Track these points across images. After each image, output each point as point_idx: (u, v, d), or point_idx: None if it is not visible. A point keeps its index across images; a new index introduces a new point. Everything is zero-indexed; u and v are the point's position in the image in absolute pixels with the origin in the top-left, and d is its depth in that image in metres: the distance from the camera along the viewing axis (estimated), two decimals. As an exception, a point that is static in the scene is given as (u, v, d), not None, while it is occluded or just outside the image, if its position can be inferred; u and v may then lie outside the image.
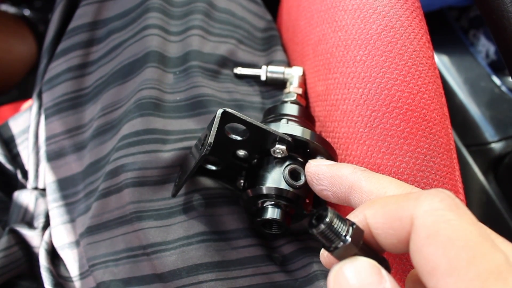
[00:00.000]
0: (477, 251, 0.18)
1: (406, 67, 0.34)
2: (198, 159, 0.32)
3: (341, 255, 0.22)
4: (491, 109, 0.59)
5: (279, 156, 0.33)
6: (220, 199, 0.38)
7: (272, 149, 0.32)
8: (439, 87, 0.35)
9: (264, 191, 0.33)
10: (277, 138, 0.32)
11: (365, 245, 0.23)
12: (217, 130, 0.31)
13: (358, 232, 0.22)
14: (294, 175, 0.33)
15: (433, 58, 0.35)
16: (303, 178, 0.33)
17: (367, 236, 0.23)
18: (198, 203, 0.37)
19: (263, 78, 0.44)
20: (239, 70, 0.45)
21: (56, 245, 0.42)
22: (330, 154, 0.34)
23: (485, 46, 0.65)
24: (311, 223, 0.22)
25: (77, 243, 0.41)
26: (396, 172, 0.33)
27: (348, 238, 0.21)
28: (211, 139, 0.30)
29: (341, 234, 0.22)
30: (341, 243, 0.22)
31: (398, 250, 0.22)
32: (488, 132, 0.58)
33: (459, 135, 0.61)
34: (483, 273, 0.17)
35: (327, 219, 0.22)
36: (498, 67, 0.63)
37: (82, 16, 0.47)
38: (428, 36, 0.36)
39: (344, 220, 0.22)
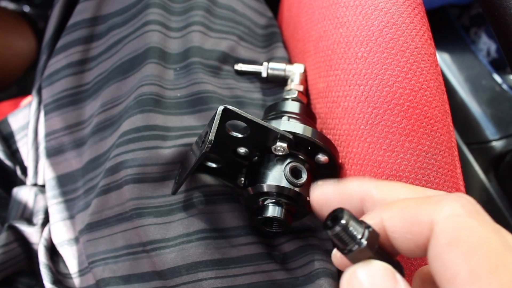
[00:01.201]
0: (499, 261, 0.17)
1: (408, 64, 0.34)
2: (199, 156, 0.31)
3: (355, 258, 0.21)
4: (492, 107, 0.59)
5: (280, 154, 0.33)
6: (220, 197, 0.38)
7: (273, 146, 0.32)
8: (441, 84, 0.35)
9: (265, 189, 0.33)
10: (278, 136, 0.32)
11: (380, 248, 0.22)
12: (217, 127, 0.30)
13: (373, 236, 0.21)
14: (295, 173, 0.33)
15: (435, 55, 0.35)
16: (304, 176, 0.33)
17: (382, 239, 0.22)
18: (198, 200, 0.37)
19: (264, 75, 0.44)
20: (239, 67, 0.45)
21: (55, 241, 0.42)
22: (331, 151, 0.34)
23: (486, 44, 0.65)
24: (326, 224, 0.22)
25: (76, 239, 0.41)
26: (398, 170, 0.33)
27: (364, 242, 0.21)
28: (211, 136, 0.30)
29: (357, 237, 0.21)
30: (356, 246, 0.21)
31: (414, 255, 0.21)
32: (489, 130, 0.57)
33: (460, 133, 0.61)
34: (505, 284, 0.17)
35: (343, 221, 0.21)
36: (499, 65, 0.63)
37: (82, 11, 0.46)
38: (430, 33, 0.35)
39: (360, 222, 0.22)
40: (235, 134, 0.33)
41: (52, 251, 0.42)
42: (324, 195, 0.28)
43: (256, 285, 0.35)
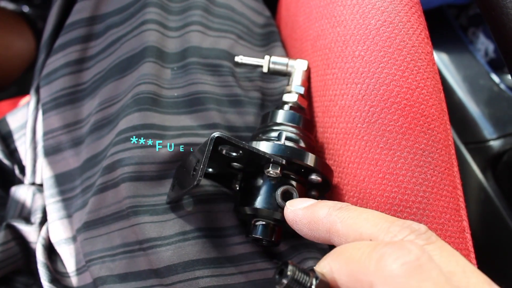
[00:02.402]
0: None
1: (405, 63, 0.34)
2: (191, 187, 0.31)
3: None
4: (490, 107, 0.59)
5: (273, 176, 0.33)
6: (216, 196, 0.38)
7: (266, 170, 0.32)
8: (438, 83, 0.35)
9: (257, 212, 0.33)
10: (271, 161, 0.32)
11: None
12: (210, 153, 0.30)
13: (322, 285, 0.22)
14: (286, 196, 0.33)
15: (432, 54, 0.35)
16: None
17: (334, 286, 0.23)
18: (194, 199, 0.37)
19: (265, 69, 0.42)
20: (240, 59, 0.43)
21: (53, 240, 0.42)
22: (326, 175, 0.34)
23: (484, 44, 0.65)
24: (274, 279, 0.23)
25: (74, 238, 0.41)
26: (394, 168, 0.33)
27: None
28: (203, 167, 0.30)
29: (307, 286, 0.22)
30: None
31: None
32: (486, 129, 0.57)
33: (458, 133, 0.61)
34: None
35: (289, 273, 0.22)
36: (497, 65, 0.63)
37: (80, 11, 0.47)
38: (427, 32, 0.36)
39: (307, 273, 0.23)
40: (228, 154, 0.33)
41: (50, 250, 0.42)
42: (295, 216, 0.29)
43: (252, 283, 0.35)
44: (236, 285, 0.35)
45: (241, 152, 0.32)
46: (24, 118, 0.51)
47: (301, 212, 0.28)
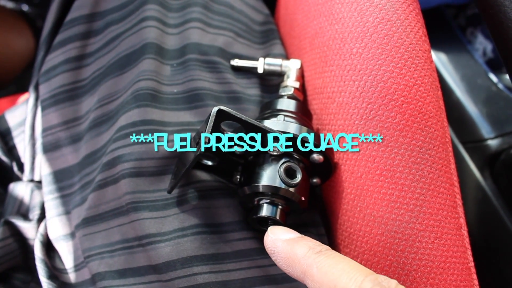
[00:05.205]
0: None
1: (402, 60, 0.34)
2: (193, 158, 0.32)
3: None
4: (487, 106, 0.59)
5: (275, 154, 0.33)
6: (216, 192, 0.38)
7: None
8: (435, 81, 0.35)
9: (260, 189, 0.33)
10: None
11: None
12: (212, 129, 0.31)
13: None
14: (289, 173, 0.33)
15: (430, 52, 0.35)
16: (299, 176, 0.33)
17: None
18: (193, 195, 0.37)
19: (260, 70, 0.44)
20: (236, 62, 0.44)
21: (51, 237, 0.42)
22: (326, 151, 0.34)
23: (483, 44, 0.65)
24: None
25: (72, 235, 0.41)
26: (392, 164, 0.33)
27: None
28: (209, 127, 0.30)
29: None
30: None
31: None
32: (484, 129, 0.58)
33: (456, 132, 0.61)
34: None
35: None
36: (495, 65, 0.63)
37: (80, 7, 0.47)
38: (425, 30, 0.36)
39: None
40: (230, 134, 0.33)
41: (48, 247, 0.43)
42: (274, 247, 0.29)
43: (251, 280, 0.35)
44: (235, 282, 0.35)
45: (243, 131, 0.32)
46: (23, 115, 0.51)
47: (281, 245, 0.28)
